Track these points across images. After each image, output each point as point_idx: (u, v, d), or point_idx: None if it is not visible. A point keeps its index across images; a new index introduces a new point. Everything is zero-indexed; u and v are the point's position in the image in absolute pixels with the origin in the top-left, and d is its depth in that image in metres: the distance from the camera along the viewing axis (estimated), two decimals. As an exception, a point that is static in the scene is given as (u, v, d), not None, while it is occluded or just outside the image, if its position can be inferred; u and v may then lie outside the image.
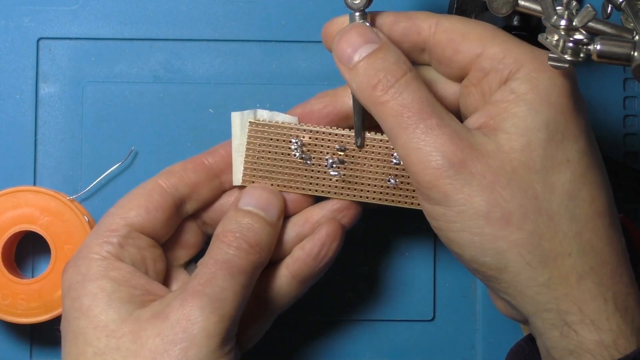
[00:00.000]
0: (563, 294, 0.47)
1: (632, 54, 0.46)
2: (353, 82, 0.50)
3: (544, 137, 0.48)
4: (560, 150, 0.48)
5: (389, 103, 0.49)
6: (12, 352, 0.62)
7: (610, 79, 0.65)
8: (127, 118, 0.63)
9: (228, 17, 0.64)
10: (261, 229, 0.54)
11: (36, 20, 0.63)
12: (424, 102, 0.49)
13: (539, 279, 0.48)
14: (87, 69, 0.63)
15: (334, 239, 0.55)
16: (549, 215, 0.48)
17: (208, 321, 0.49)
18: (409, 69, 0.50)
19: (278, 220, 0.55)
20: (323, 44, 0.55)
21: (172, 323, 0.50)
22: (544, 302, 0.48)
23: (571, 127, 0.48)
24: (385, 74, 0.49)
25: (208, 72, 0.64)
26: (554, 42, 0.48)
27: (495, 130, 0.49)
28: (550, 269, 0.47)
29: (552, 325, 0.48)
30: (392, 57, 0.50)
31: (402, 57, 0.50)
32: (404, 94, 0.49)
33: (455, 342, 0.65)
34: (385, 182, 0.56)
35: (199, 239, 0.58)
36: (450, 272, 0.64)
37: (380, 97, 0.49)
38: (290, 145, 0.56)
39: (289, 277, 0.56)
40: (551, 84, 0.48)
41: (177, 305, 0.50)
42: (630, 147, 0.65)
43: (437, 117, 0.48)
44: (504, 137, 0.48)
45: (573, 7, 0.49)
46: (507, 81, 0.49)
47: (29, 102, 0.63)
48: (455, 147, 0.48)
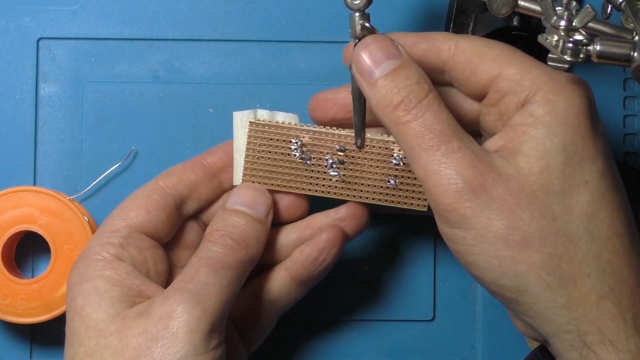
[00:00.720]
0: (583, 315, 0.48)
1: (632, 54, 0.46)
2: (373, 97, 0.50)
3: (561, 159, 0.48)
4: (579, 172, 0.48)
5: (410, 123, 0.49)
6: (12, 352, 0.62)
7: (610, 79, 0.65)
8: (127, 118, 0.63)
9: (228, 17, 0.64)
10: (247, 226, 0.54)
11: (36, 20, 0.63)
12: (445, 123, 0.49)
13: (558, 301, 0.48)
14: (87, 69, 0.63)
15: (333, 244, 0.56)
16: (567, 236, 0.48)
17: (190, 316, 0.50)
18: (430, 89, 0.50)
19: (266, 217, 0.56)
20: (343, 60, 0.55)
21: (154, 320, 0.50)
22: (563, 324, 0.48)
23: (589, 148, 0.49)
24: (408, 93, 0.49)
25: (208, 72, 0.64)
26: (554, 42, 0.48)
27: (514, 153, 0.49)
28: (570, 290, 0.48)
29: (571, 346, 0.48)
30: (415, 76, 0.50)
31: (424, 76, 0.51)
32: (425, 115, 0.49)
33: (455, 342, 0.65)
34: (385, 182, 0.56)
35: (201, 240, 0.58)
36: (450, 272, 0.64)
37: (402, 117, 0.49)
38: (290, 145, 0.56)
39: (287, 279, 0.56)
40: (568, 106, 0.49)
41: (159, 303, 0.50)
42: (630, 147, 0.65)
43: (457, 140, 0.49)
44: (523, 160, 0.48)
45: (573, 8, 0.49)
46: (525, 104, 0.49)
47: (29, 102, 0.63)
48: (476, 171, 0.48)
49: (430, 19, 0.65)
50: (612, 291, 0.48)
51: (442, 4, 0.64)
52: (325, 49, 0.64)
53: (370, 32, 0.53)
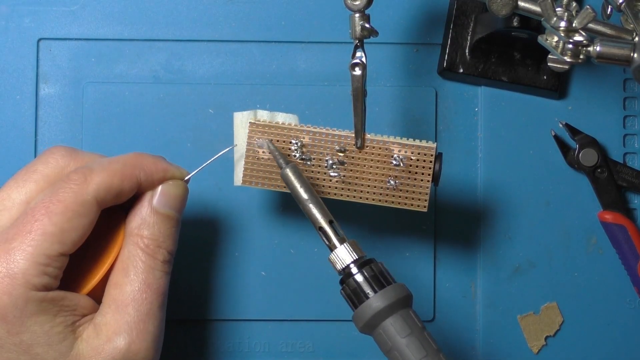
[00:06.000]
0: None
1: (631, 55, 0.46)
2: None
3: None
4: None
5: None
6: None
7: (610, 79, 0.65)
8: (127, 118, 0.63)
9: (228, 18, 0.64)
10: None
11: (36, 20, 0.63)
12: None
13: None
14: (87, 69, 0.63)
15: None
16: None
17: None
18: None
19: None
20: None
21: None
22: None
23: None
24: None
25: (208, 72, 0.64)
26: (554, 43, 0.48)
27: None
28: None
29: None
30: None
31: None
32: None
33: (455, 342, 0.65)
34: (385, 183, 0.56)
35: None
36: (450, 272, 0.64)
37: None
38: (290, 145, 0.56)
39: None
40: None
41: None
42: (630, 147, 0.65)
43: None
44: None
45: (573, 9, 0.49)
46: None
47: (29, 102, 0.63)
48: None
49: (430, 19, 0.65)
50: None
51: (442, 5, 0.64)
52: (325, 49, 0.64)
53: (370, 33, 0.53)
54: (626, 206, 0.65)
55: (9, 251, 0.49)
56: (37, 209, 0.50)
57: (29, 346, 0.50)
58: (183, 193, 0.55)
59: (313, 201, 0.53)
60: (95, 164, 0.52)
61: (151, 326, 0.53)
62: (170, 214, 0.54)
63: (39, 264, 0.49)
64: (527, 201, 0.65)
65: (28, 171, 0.53)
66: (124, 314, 0.52)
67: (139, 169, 0.53)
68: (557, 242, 0.65)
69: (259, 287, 0.63)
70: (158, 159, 0.55)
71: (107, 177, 0.52)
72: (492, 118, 0.65)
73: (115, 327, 0.52)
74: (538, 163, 0.65)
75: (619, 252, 0.64)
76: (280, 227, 0.64)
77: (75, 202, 0.50)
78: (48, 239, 0.50)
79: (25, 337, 0.50)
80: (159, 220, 0.54)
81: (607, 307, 0.65)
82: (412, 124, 0.64)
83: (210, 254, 0.63)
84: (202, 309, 0.63)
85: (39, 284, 0.49)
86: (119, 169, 0.52)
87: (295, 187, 0.54)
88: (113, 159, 0.53)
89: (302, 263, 0.63)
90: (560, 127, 0.65)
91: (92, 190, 0.51)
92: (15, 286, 0.49)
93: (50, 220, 0.50)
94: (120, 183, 0.52)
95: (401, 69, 0.64)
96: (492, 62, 0.64)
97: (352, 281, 0.51)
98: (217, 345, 0.63)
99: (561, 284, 0.65)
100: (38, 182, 0.53)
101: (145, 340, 0.52)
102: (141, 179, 0.53)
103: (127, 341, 0.52)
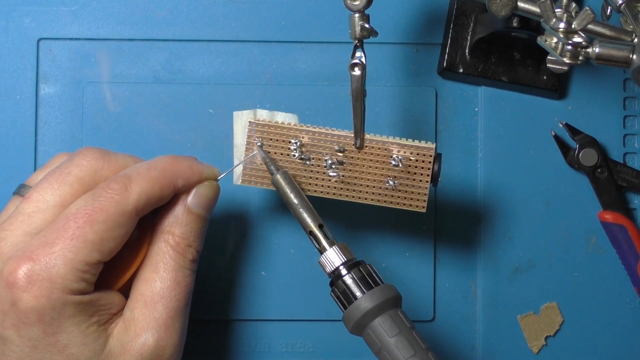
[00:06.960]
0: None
1: (631, 56, 0.46)
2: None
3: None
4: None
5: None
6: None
7: (610, 79, 0.65)
8: (127, 118, 0.63)
9: (228, 18, 0.64)
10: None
11: (36, 20, 0.63)
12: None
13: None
14: (87, 69, 0.63)
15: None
16: None
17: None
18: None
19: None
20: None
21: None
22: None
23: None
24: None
25: (208, 72, 0.64)
26: (553, 44, 0.48)
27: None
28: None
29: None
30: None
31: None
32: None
33: (455, 342, 0.65)
34: (384, 183, 0.56)
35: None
36: (450, 272, 0.64)
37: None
38: (289, 145, 0.56)
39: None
40: None
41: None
42: (630, 147, 0.65)
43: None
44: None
45: (572, 10, 0.49)
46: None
47: (29, 102, 0.63)
48: None
49: (430, 19, 0.65)
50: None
51: (442, 5, 0.64)
52: (325, 49, 0.64)
53: (370, 33, 0.53)
54: (626, 206, 0.65)
55: (50, 255, 0.49)
56: (80, 215, 0.50)
57: (64, 346, 0.50)
58: (216, 194, 0.56)
59: (303, 206, 0.54)
60: (133, 172, 0.53)
61: (178, 323, 0.53)
62: (202, 214, 0.55)
63: (78, 270, 0.50)
64: (527, 201, 0.65)
65: (62, 173, 0.53)
66: (153, 310, 0.53)
67: (177, 175, 0.54)
68: (557, 242, 0.65)
69: (259, 287, 0.63)
70: (193, 162, 0.55)
71: (147, 186, 0.52)
72: (492, 118, 0.65)
73: (144, 324, 0.52)
74: (538, 163, 0.65)
75: (619, 252, 0.64)
76: (280, 227, 0.64)
77: (116, 212, 0.51)
78: (89, 246, 0.50)
79: (61, 337, 0.50)
80: (191, 220, 0.54)
81: (607, 307, 0.65)
82: (412, 124, 0.64)
83: (210, 254, 0.63)
84: (202, 309, 0.63)
85: (76, 289, 0.50)
86: (158, 177, 0.53)
87: (285, 192, 0.54)
88: (150, 166, 0.53)
89: (302, 263, 0.63)
90: (560, 127, 0.65)
91: (133, 201, 0.51)
92: (54, 290, 0.49)
93: (92, 229, 0.50)
94: (159, 192, 0.53)
95: (401, 69, 0.64)
96: (492, 62, 0.64)
97: (341, 283, 0.52)
98: (216, 345, 0.63)
99: (561, 284, 0.65)
100: (72, 185, 0.53)
101: (173, 337, 0.53)
102: (179, 186, 0.54)
103: (156, 338, 0.52)
